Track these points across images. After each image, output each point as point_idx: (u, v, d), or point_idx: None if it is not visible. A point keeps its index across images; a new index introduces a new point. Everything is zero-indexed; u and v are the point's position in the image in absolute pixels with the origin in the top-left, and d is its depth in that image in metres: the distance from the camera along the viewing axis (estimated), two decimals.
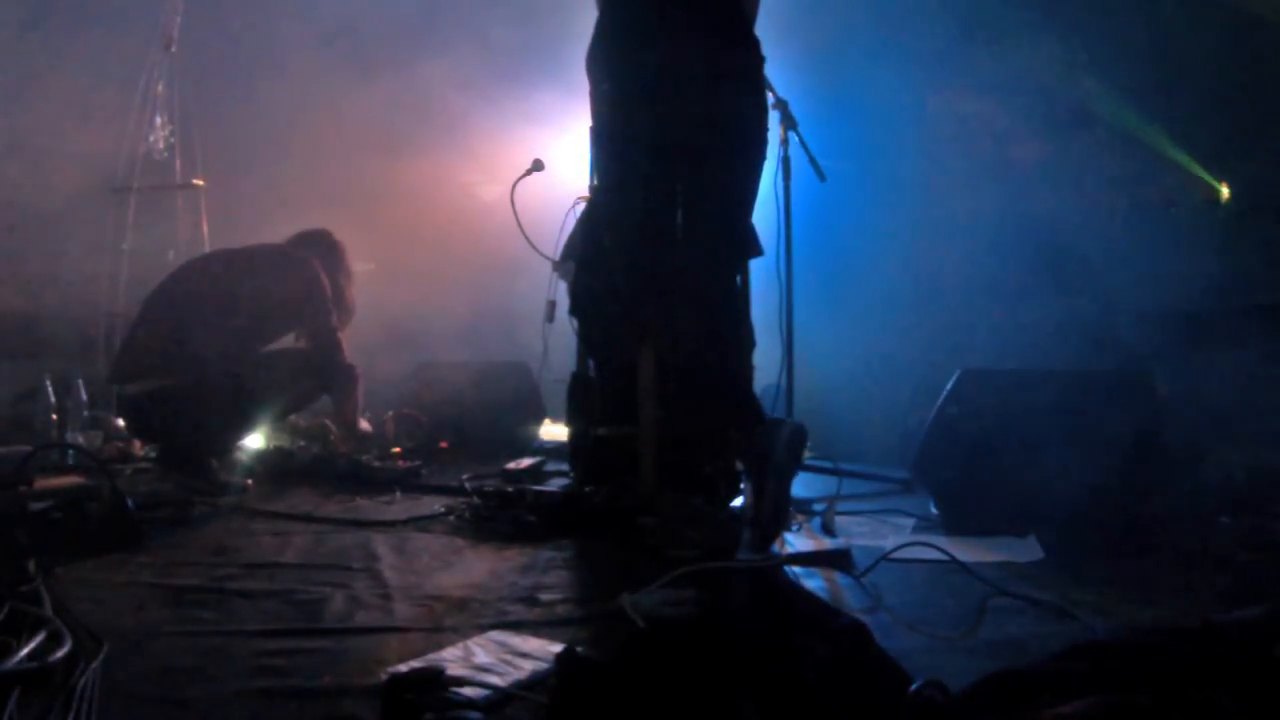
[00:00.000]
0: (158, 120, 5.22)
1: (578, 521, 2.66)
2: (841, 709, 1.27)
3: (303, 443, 3.84)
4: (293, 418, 3.90)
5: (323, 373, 3.69)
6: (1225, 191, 3.99)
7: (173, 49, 5.20)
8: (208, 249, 5.00)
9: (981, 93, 4.45)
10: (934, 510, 2.93)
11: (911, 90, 4.76)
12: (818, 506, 3.01)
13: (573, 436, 3.19)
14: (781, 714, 1.24)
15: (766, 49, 2.68)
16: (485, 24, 5.34)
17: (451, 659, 1.55)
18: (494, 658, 1.56)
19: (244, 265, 3.67)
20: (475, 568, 2.27)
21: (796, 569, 2.24)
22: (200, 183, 5.40)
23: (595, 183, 3.05)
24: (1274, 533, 2.63)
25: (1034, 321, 3.99)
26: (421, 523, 2.79)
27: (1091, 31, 4.27)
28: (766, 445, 2.44)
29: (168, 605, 1.90)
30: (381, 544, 2.48)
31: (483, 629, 1.74)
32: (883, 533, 2.73)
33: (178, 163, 5.34)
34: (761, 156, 2.70)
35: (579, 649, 1.49)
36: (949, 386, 2.93)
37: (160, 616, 1.83)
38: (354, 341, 3.87)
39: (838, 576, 2.19)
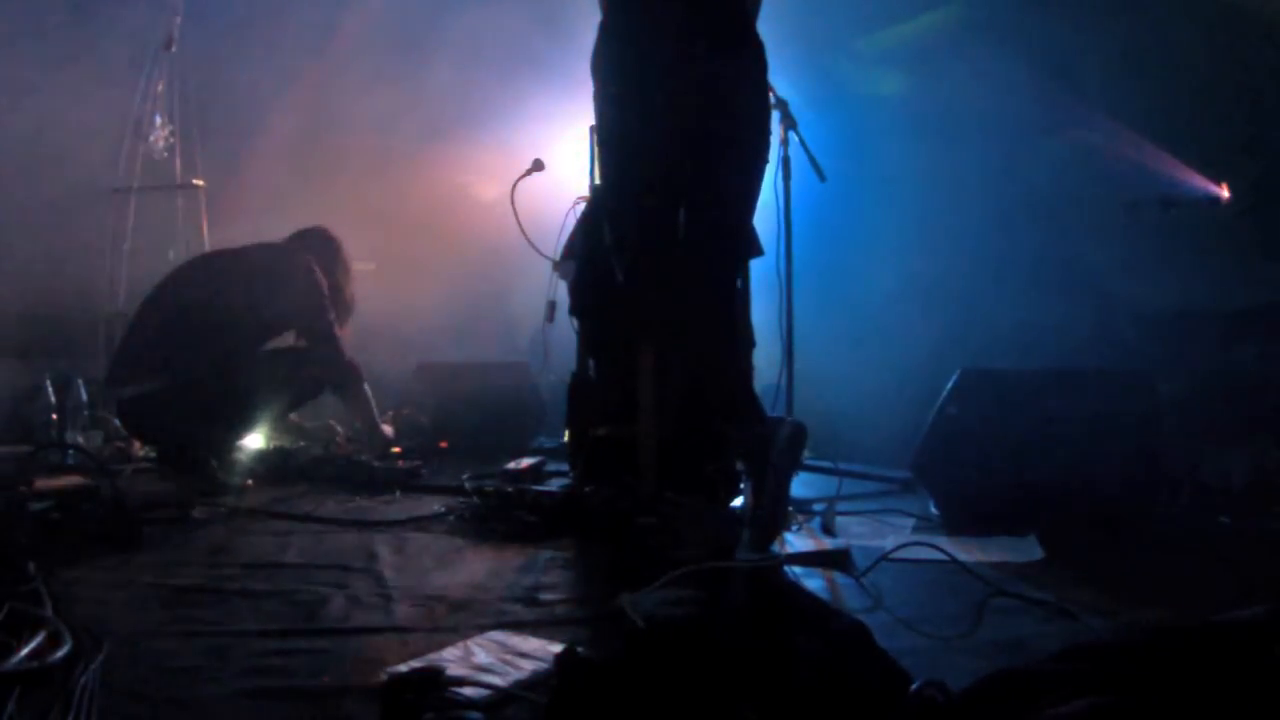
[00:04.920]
0: (158, 120, 5.22)
1: (578, 521, 2.66)
2: (841, 709, 1.26)
3: (303, 443, 3.84)
4: (296, 418, 3.90)
5: (321, 371, 3.69)
6: (1225, 192, 3.99)
7: (173, 49, 5.20)
8: (208, 249, 5.00)
9: (982, 92, 4.44)
10: (934, 510, 2.93)
11: (912, 89, 4.76)
12: (818, 506, 3.01)
13: (573, 436, 3.19)
14: (781, 714, 1.24)
15: (767, 49, 2.68)
16: (485, 24, 5.34)
17: (451, 659, 1.55)
18: (494, 658, 1.56)
19: (241, 264, 3.67)
20: (475, 568, 2.28)
21: (796, 569, 2.24)
22: (200, 183, 5.40)
23: (596, 182, 3.06)
24: (1274, 533, 2.64)
25: (1034, 321, 3.99)
26: (421, 523, 2.79)
27: (1093, 30, 4.27)
28: (765, 444, 2.44)
29: (168, 605, 1.90)
30: (381, 544, 2.48)
31: (483, 629, 1.74)
32: (883, 533, 2.73)
33: (178, 163, 5.34)
34: (764, 158, 2.70)
35: (579, 649, 1.49)
36: (949, 386, 2.93)
37: (160, 616, 1.83)
38: (354, 341, 3.87)
39: (838, 576, 2.19)
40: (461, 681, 1.42)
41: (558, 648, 1.54)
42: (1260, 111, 3.92)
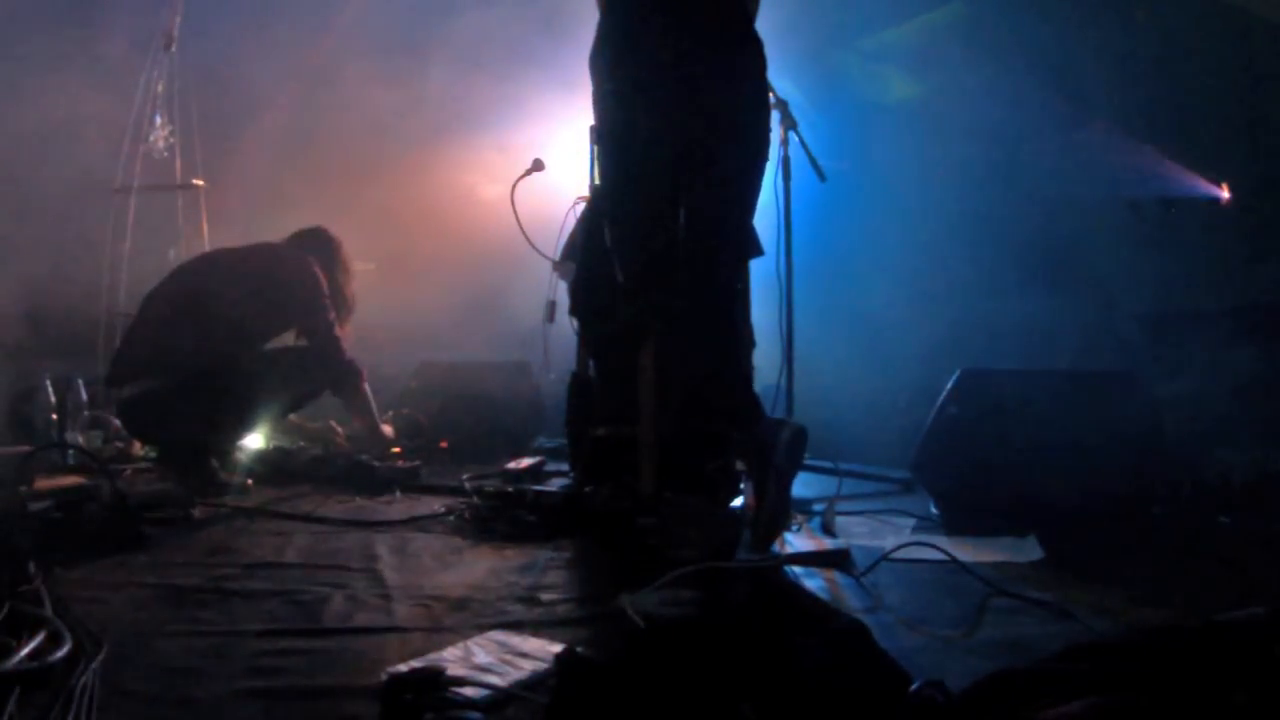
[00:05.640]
0: (158, 120, 5.22)
1: (578, 521, 2.66)
2: (841, 710, 1.26)
3: (303, 443, 3.83)
4: (296, 418, 3.90)
5: (322, 370, 3.69)
6: (1225, 192, 3.99)
7: (173, 49, 5.20)
8: (208, 249, 5.00)
9: (982, 92, 4.44)
10: (934, 510, 2.93)
11: (912, 89, 4.77)
12: (818, 506, 3.01)
13: (572, 436, 3.19)
14: (781, 714, 1.24)
15: (766, 48, 2.68)
16: (485, 24, 5.34)
17: (451, 659, 1.55)
18: (494, 658, 1.56)
19: (242, 264, 3.67)
20: (475, 568, 2.27)
21: (796, 569, 2.24)
22: (200, 183, 5.40)
23: (596, 182, 3.06)
24: (1274, 533, 2.64)
25: (1034, 321, 3.99)
26: (421, 523, 2.79)
27: (1094, 29, 4.27)
28: (766, 445, 2.44)
29: (168, 605, 1.90)
30: (381, 544, 2.48)
31: (483, 629, 1.74)
32: (883, 533, 2.73)
33: (178, 163, 5.34)
34: (764, 157, 2.70)
35: (579, 649, 1.49)
36: (949, 386, 2.93)
37: (160, 616, 1.83)
38: (354, 341, 3.86)
39: (838, 576, 2.19)
40: (461, 681, 1.42)
41: (558, 648, 1.54)
42: (1261, 111, 3.92)
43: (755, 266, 2.99)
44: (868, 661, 1.40)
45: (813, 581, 2.17)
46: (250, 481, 3.31)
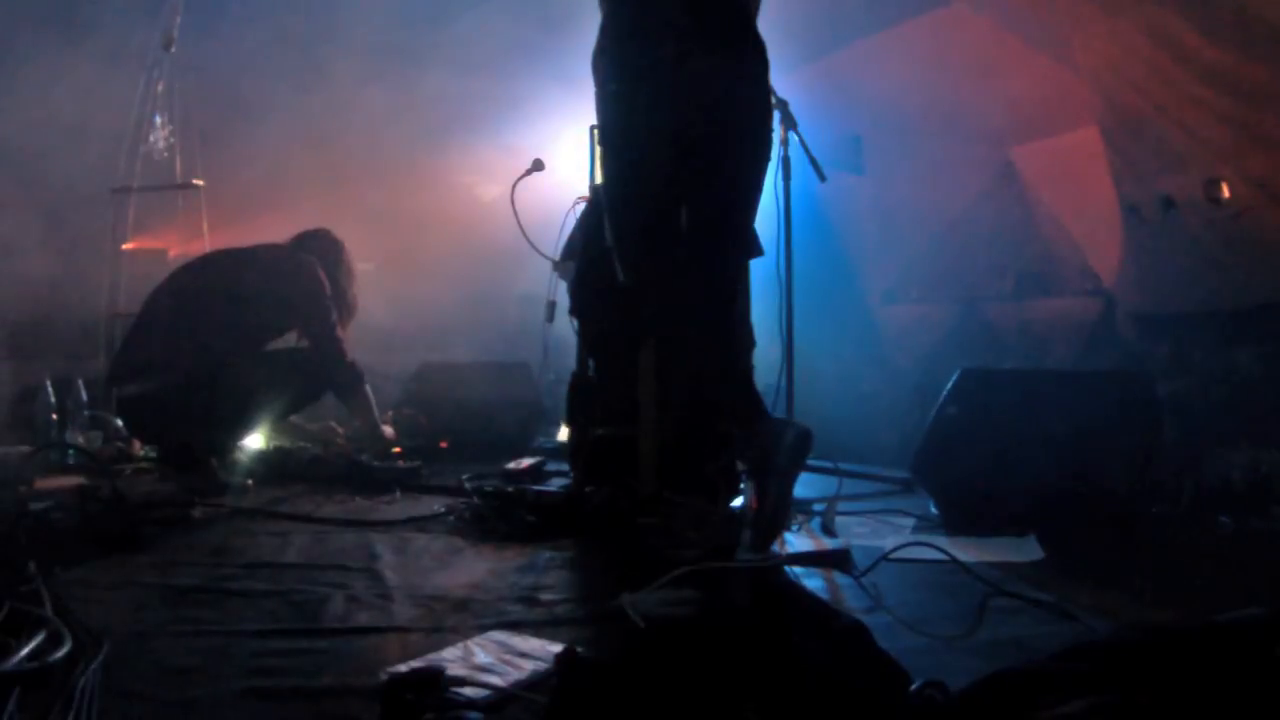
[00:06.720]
0: (158, 120, 5.22)
1: (578, 521, 2.66)
2: (842, 710, 1.27)
3: (303, 443, 3.83)
4: (297, 419, 3.90)
5: (323, 372, 3.69)
6: (1225, 192, 3.98)
7: (173, 49, 5.20)
8: (208, 249, 5.01)
9: (982, 90, 4.45)
10: (934, 510, 2.93)
11: (912, 88, 4.77)
12: (818, 506, 3.00)
13: (573, 436, 3.19)
14: (781, 714, 1.24)
15: (767, 48, 2.68)
16: (485, 24, 5.34)
17: (451, 659, 1.55)
18: (494, 658, 1.56)
19: (243, 265, 3.67)
20: (475, 568, 2.28)
21: (796, 569, 2.24)
22: (200, 183, 5.40)
23: (597, 182, 3.06)
24: (1274, 533, 2.64)
25: (1034, 321, 3.99)
26: (421, 523, 2.79)
27: (1093, 25, 4.27)
28: (769, 445, 2.44)
29: (168, 605, 1.90)
30: (381, 544, 2.48)
31: (483, 629, 1.74)
32: (883, 533, 2.73)
33: (178, 163, 5.34)
34: (766, 157, 2.69)
35: (579, 649, 1.49)
36: (949, 386, 2.93)
37: (160, 616, 1.83)
38: (354, 341, 3.87)
39: (838, 576, 2.19)
40: (461, 681, 1.42)
41: (558, 648, 1.54)
42: (1261, 110, 3.92)
43: (755, 266, 2.99)
44: (868, 662, 1.40)
45: (813, 581, 2.17)
46: (250, 481, 3.31)
